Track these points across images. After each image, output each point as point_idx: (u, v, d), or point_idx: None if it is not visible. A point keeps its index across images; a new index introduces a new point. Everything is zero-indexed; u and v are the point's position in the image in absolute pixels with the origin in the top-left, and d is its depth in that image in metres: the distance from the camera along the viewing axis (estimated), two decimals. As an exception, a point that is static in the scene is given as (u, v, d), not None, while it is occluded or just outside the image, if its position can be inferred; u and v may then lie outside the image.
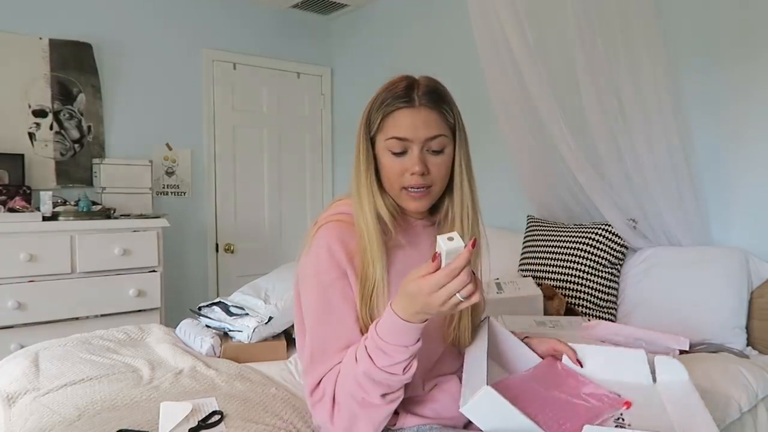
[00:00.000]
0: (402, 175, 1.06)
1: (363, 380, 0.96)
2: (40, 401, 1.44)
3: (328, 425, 1.04)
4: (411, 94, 1.05)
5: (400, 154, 1.05)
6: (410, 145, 1.05)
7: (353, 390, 0.97)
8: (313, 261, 1.07)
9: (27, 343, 2.29)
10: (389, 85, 1.09)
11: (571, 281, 2.17)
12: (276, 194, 3.86)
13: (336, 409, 1.02)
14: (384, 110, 1.06)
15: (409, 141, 1.05)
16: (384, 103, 1.06)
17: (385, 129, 1.06)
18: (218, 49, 3.56)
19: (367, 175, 1.08)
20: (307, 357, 1.07)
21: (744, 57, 2.01)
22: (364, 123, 1.09)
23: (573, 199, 2.36)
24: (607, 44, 1.92)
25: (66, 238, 2.63)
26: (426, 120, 1.05)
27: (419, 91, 1.06)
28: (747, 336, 1.92)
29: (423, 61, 3.26)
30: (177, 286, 3.35)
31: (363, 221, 1.06)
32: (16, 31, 2.90)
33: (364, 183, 1.08)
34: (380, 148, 1.08)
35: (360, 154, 1.09)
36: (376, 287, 1.04)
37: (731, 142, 2.05)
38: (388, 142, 1.05)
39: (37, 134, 2.95)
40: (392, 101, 1.05)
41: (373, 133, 1.08)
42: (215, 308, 2.06)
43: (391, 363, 0.93)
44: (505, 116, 2.32)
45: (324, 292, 1.05)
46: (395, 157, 1.06)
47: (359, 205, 1.08)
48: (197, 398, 1.43)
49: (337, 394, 1.01)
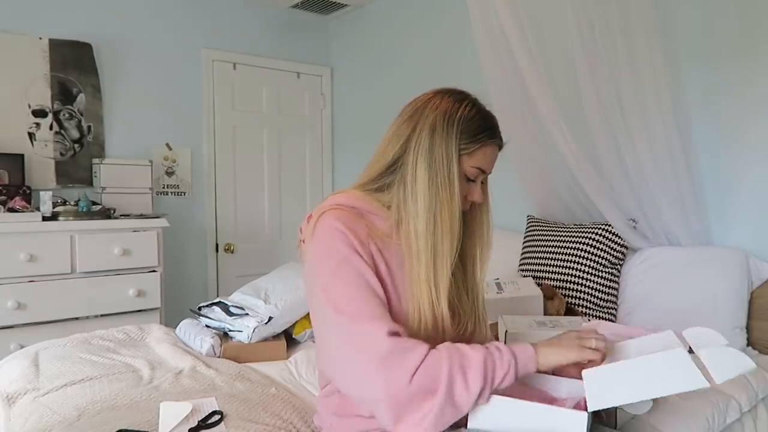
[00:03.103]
0: (462, 200, 1.10)
1: (471, 363, 0.95)
2: (40, 401, 1.44)
3: (402, 384, 0.92)
4: (496, 130, 1.12)
5: (471, 181, 1.12)
6: (481, 176, 1.12)
7: (454, 369, 0.94)
8: (325, 241, 1.05)
9: (27, 343, 2.29)
10: (476, 107, 1.11)
11: (571, 281, 2.17)
12: (276, 194, 3.85)
13: (425, 368, 0.93)
14: (483, 140, 1.09)
15: (484, 173, 1.13)
16: (484, 131, 1.10)
17: (476, 157, 1.09)
18: (218, 49, 3.56)
19: (457, 194, 1.07)
20: (352, 317, 0.97)
21: (744, 56, 2.01)
22: (453, 138, 1.06)
23: (573, 199, 2.36)
24: (607, 44, 1.92)
25: (66, 238, 2.63)
26: (497, 156, 1.15)
27: (497, 128, 1.13)
28: (747, 336, 1.92)
29: (423, 61, 3.27)
30: (177, 286, 3.34)
31: (434, 233, 1.06)
32: (16, 31, 2.90)
33: (448, 201, 1.06)
34: (459, 169, 1.08)
35: (445, 168, 1.06)
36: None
37: (731, 142, 2.05)
38: (472, 170, 1.10)
39: (37, 134, 2.95)
40: (490, 134, 1.10)
41: (460, 150, 1.08)
42: (215, 308, 2.06)
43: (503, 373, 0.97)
44: (505, 116, 2.32)
45: (346, 261, 1.02)
46: (466, 182, 1.11)
47: (429, 217, 1.06)
48: (197, 398, 1.43)
49: (439, 358, 0.94)
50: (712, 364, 0.94)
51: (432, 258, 1.05)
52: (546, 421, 0.94)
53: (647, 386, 0.93)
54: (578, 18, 1.91)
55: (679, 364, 0.92)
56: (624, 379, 0.94)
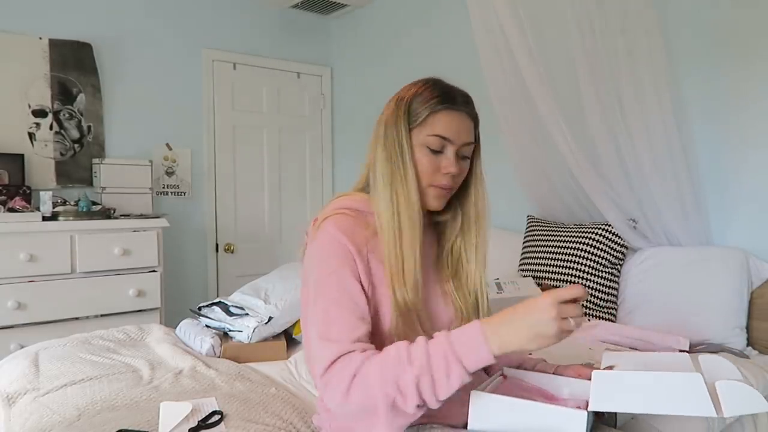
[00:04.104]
0: (435, 173, 1.08)
1: (406, 385, 0.90)
2: (39, 401, 1.44)
3: (339, 402, 0.94)
4: (456, 98, 1.09)
5: (436, 152, 1.08)
6: (448, 145, 1.08)
7: (388, 388, 0.90)
8: (320, 248, 1.06)
9: (27, 343, 2.29)
10: (430, 83, 1.11)
11: (572, 281, 2.16)
12: (276, 194, 3.86)
13: (356, 386, 0.93)
14: (431, 107, 1.07)
15: (449, 142, 1.07)
16: (432, 99, 1.08)
17: (429, 125, 1.07)
18: (218, 49, 3.56)
19: (410, 164, 1.07)
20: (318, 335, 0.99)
21: (744, 56, 2.00)
22: (401, 115, 1.08)
23: (573, 199, 2.36)
24: (607, 44, 1.92)
25: (66, 238, 2.63)
26: (466, 126, 1.10)
27: (460, 98, 1.10)
28: (747, 336, 1.92)
29: (423, 61, 3.26)
30: (177, 286, 3.34)
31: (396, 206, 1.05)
32: (16, 31, 2.90)
33: (401, 172, 1.07)
34: (417, 142, 1.08)
35: (395, 144, 1.08)
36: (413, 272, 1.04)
37: (731, 141, 2.05)
38: (429, 139, 1.07)
39: (37, 134, 2.95)
40: (440, 100, 1.08)
41: (411, 125, 1.09)
42: (215, 308, 2.06)
43: (448, 385, 0.89)
44: (505, 116, 2.32)
45: (334, 273, 1.03)
46: (432, 154, 1.08)
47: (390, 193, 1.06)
48: (197, 398, 1.43)
49: (369, 377, 0.92)
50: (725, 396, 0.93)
51: (397, 233, 1.05)
52: (546, 420, 0.94)
53: (654, 402, 0.93)
54: (578, 18, 1.91)
55: (692, 388, 0.91)
56: (633, 389, 0.94)
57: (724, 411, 0.91)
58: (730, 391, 0.93)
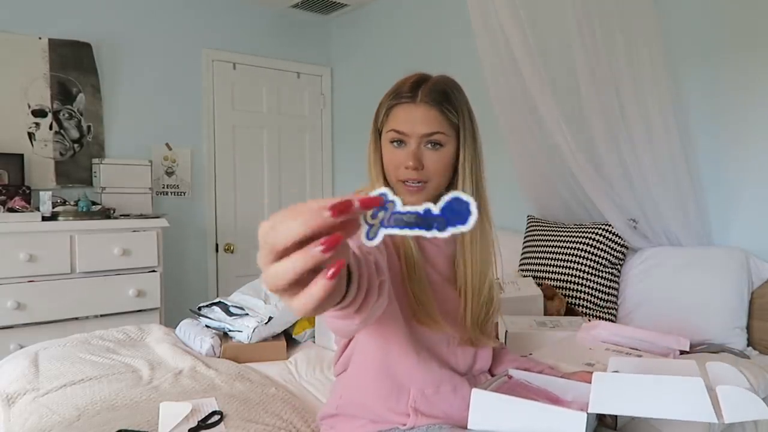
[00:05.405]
0: (398, 168, 1.09)
1: None
2: (39, 401, 1.44)
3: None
4: (416, 90, 1.09)
5: (398, 147, 1.09)
6: (408, 139, 1.09)
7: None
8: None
9: (27, 343, 2.29)
10: (401, 81, 1.13)
11: (571, 281, 2.16)
12: (276, 194, 3.85)
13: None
14: (389, 104, 1.11)
15: (407, 135, 1.08)
16: (390, 96, 1.12)
17: (389, 121, 1.11)
18: (218, 49, 3.56)
19: (375, 165, 1.13)
20: None
21: (744, 56, 2.00)
22: (374, 116, 1.15)
23: (573, 199, 2.36)
24: (608, 44, 1.92)
25: (66, 238, 2.63)
26: (425, 116, 1.07)
27: (425, 89, 1.09)
28: (747, 336, 1.92)
29: (423, 61, 3.24)
30: (177, 286, 3.34)
31: None
32: (16, 31, 2.90)
33: (373, 172, 1.13)
34: (384, 139, 1.12)
35: (369, 144, 1.14)
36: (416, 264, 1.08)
37: (731, 141, 2.05)
38: (389, 134, 1.10)
39: (36, 134, 2.95)
40: (396, 96, 1.10)
41: (379, 124, 1.13)
42: (215, 308, 2.06)
43: None
44: (505, 116, 2.32)
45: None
46: (394, 150, 1.10)
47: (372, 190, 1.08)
48: (197, 398, 1.43)
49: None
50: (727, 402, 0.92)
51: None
52: (545, 420, 0.94)
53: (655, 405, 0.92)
54: (578, 18, 1.91)
55: (693, 393, 0.91)
56: (634, 392, 0.93)
57: (725, 417, 0.91)
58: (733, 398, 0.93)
